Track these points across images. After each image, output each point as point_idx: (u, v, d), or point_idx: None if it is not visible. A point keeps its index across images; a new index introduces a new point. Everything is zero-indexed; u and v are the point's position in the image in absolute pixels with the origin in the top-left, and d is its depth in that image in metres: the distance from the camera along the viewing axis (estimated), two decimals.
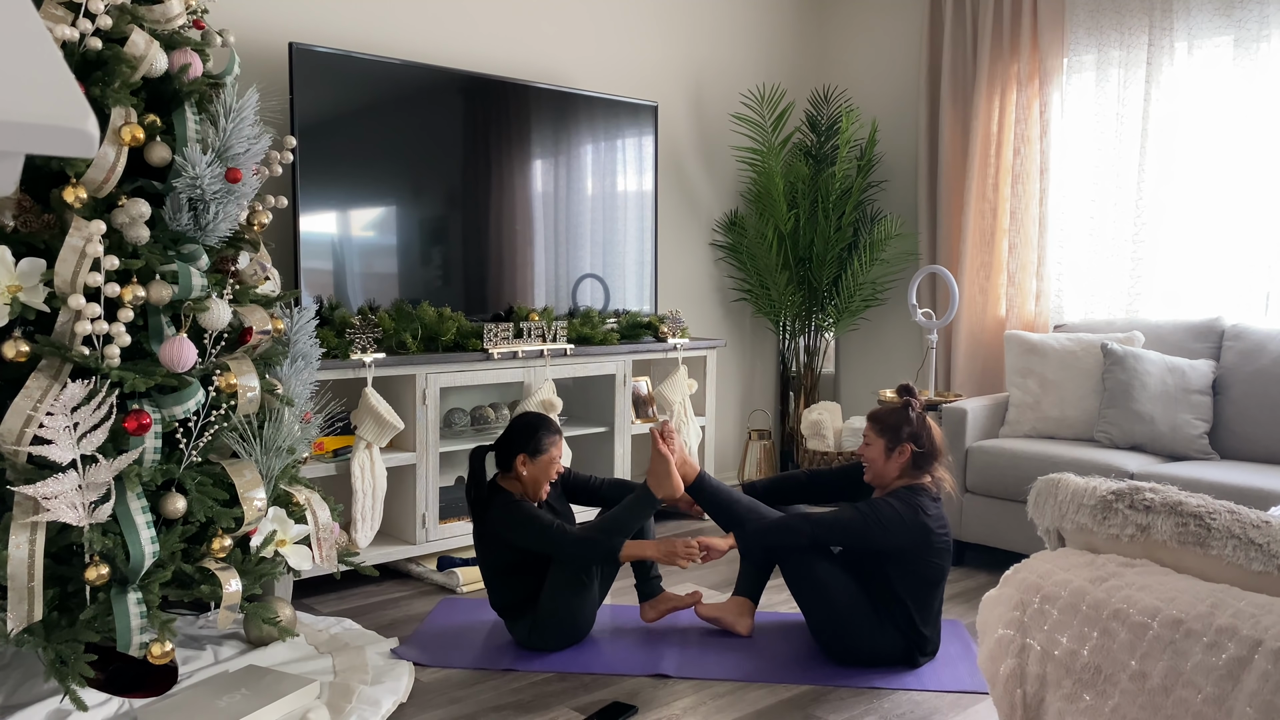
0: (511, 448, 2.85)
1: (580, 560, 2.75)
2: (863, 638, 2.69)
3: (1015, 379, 3.93)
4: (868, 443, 2.80)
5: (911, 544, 2.64)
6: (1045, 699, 1.76)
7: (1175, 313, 4.01)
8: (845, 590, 2.69)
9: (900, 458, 2.74)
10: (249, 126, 2.51)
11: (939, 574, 2.68)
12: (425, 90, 3.68)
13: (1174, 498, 1.77)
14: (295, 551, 2.63)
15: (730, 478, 5.18)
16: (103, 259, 2.24)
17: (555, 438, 2.85)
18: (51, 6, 2.28)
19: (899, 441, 2.73)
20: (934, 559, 2.66)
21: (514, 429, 2.86)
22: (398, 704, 2.46)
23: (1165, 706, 1.57)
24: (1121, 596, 1.69)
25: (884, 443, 2.75)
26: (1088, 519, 1.87)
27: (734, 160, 5.08)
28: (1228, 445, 3.57)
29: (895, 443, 2.73)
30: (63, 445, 2.16)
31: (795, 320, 5.03)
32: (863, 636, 2.69)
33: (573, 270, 4.19)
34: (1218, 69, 3.90)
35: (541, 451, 2.83)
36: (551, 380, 3.78)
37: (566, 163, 4.13)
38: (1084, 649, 1.70)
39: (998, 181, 4.47)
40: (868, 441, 2.80)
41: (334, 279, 3.51)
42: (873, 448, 2.78)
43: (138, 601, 2.23)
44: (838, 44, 5.34)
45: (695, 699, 2.55)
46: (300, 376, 2.74)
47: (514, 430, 2.86)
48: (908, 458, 2.73)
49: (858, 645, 2.70)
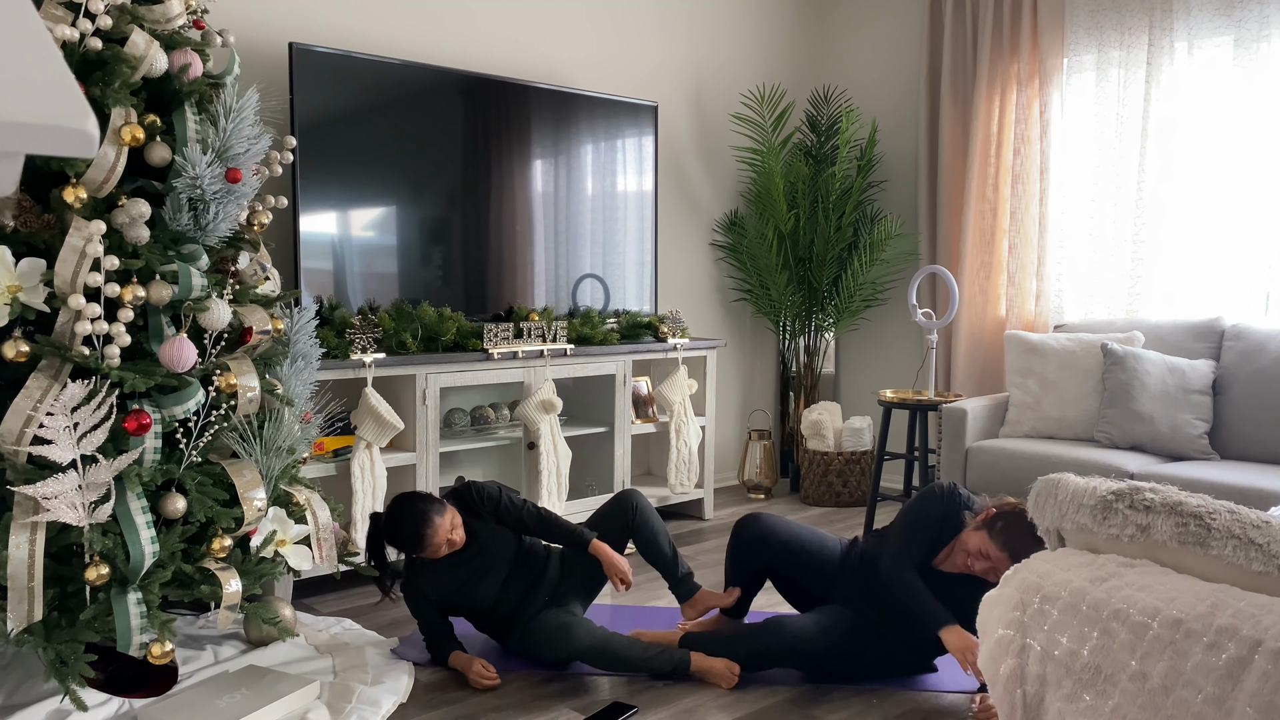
0: (403, 548, 2.65)
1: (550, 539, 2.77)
2: (871, 666, 2.66)
3: (1015, 379, 3.93)
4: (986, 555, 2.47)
5: (948, 511, 2.56)
6: (1045, 699, 1.76)
7: (1175, 313, 4.01)
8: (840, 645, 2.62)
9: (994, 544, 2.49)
10: (249, 126, 2.51)
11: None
12: (425, 90, 3.68)
13: (1174, 498, 1.77)
14: (295, 551, 2.63)
15: (730, 478, 5.18)
16: (103, 259, 2.24)
17: (436, 523, 2.59)
18: (51, 6, 2.28)
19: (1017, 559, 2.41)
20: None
21: (394, 530, 2.63)
22: (398, 704, 2.46)
23: (1165, 707, 1.57)
24: (1121, 597, 1.69)
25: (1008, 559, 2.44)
26: (1088, 519, 1.87)
27: (734, 160, 5.08)
28: (1228, 445, 3.57)
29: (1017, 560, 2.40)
30: (63, 445, 2.16)
31: (795, 320, 5.03)
32: (871, 664, 2.65)
33: (573, 270, 4.19)
34: (1218, 69, 3.90)
35: (428, 545, 2.61)
36: (551, 380, 3.78)
37: (566, 163, 4.13)
38: (1084, 649, 1.70)
39: (998, 181, 4.47)
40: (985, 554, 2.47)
41: (334, 279, 3.51)
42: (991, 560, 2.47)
43: (138, 601, 2.23)
44: (838, 44, 5.34)
45: (695, 699, 2.54)
46: (300, 376, 2.74)
47: (395, 532, 2.63)
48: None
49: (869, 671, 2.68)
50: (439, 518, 2.60)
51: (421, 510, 2.60)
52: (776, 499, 4.84)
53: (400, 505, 2.62)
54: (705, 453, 4.44)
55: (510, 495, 2.82)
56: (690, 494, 4.36)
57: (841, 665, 2.64)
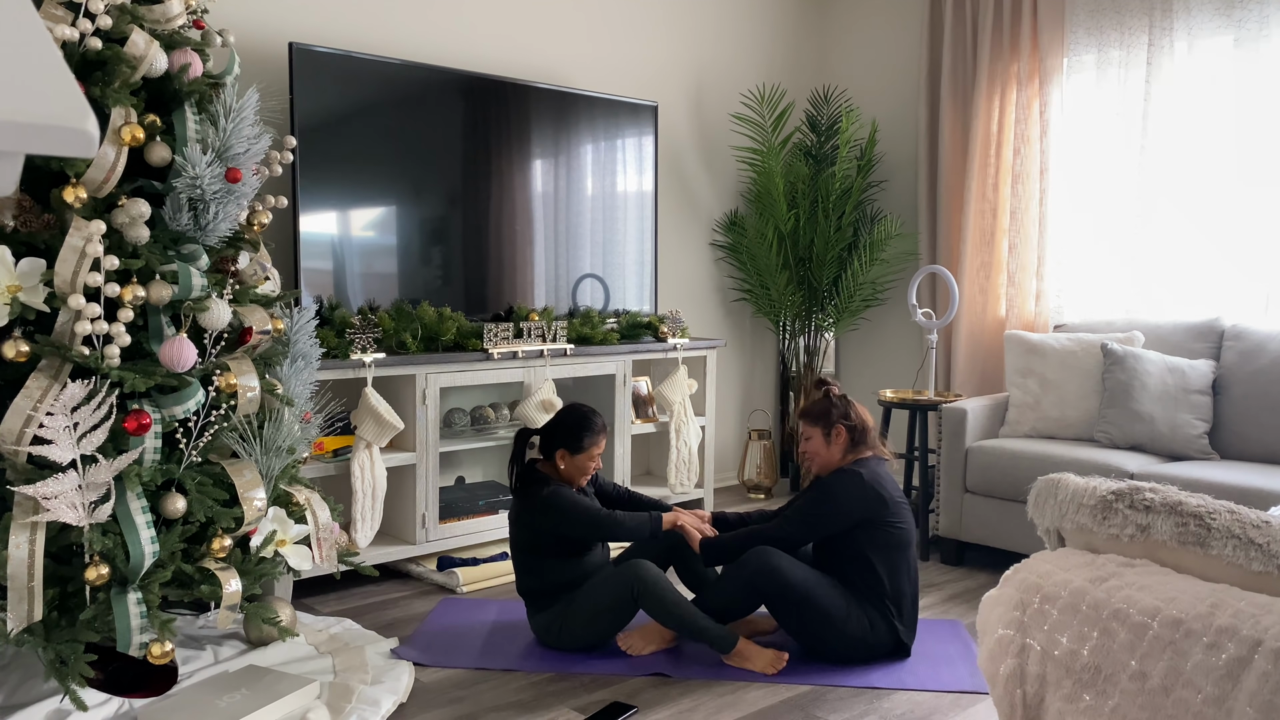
0: (554, 440, 2.88)
1: (620, 541, 2.79)
2: (852, 631, 2.70)
3: (1015, 379, 3.93)
4: (807, 437, 2.91)
5: (872, 510, 2.74)
6: (1045, 699, 1.76)
7: (1175, 313, 4.01)
8: (826, 592, 2.71)
9: (839, 440, 2.88)
10: (249, 126, 2.51)
11: (906, 537, 2.78)
12: (425, 90, 3.68)
13: (1174, 498, 1.77)
14: (295, 551, 2.63)
15: (730, 478, 5.18)
16: (103, 259, 2.24)
17: (598, 436, 2.88)
18: (51, 6, 2.28)
19: (831, 425, 2.87)
20: (897, 521, 2.76)
21: (561, 421, 2.89)
22: (398, 704, 2.46)
23: (1165, 706, 1.57)
24: (1121, 596, 1.69)
25: (819, 430, 2.89)
26: (1088, 519, 1.87)
27: (734, 160, 5.08)
28: (1228, 445, 3.57)
29: (828, 427, 2.88)
30: (63, 445, 2.16)
31: (795, 320, 5.03)
32: (852, 630, 2.70)
33: (573, 270, 4.19)
34: (1218, 68, 3.90)
35: (581, 450, 2.86)
36: (551, 380, 3.78)
37: (566, 163, 4.13)
38: (1084, 649, 1.70)
39: (998, 181, 4.47)
40: (806, 436, 2.92)
41: (334, 279, 3.51)
42: (812, 440, 2.90)
43: (138, 601, 2.23)
44: (838, 44, 5.34)
45: (695, 699, 2.55)
46: (300, 376, 2.74)
47: (560, 423, 2.89)
48: (845, 438, 2.87)
49: (849, 641, 2.71)
50: (603, 436, 2.89)
51: (601, 424, 2.89)
52: (776, 499, 4.84)
53: (585, 411, 2.89)
54: (705, 453, 4.44)
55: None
56: (690, 494, 4.36)
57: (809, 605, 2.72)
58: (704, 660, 2.78)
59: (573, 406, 2.92)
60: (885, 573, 2.74)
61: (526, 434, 2.96)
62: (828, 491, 2.76)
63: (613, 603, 2.74)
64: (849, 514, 2.73)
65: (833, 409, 2.89)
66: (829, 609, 2.68)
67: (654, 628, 2.85)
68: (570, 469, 2.87)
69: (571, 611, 2.78)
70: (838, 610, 2.69)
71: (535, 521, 2.79)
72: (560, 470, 2.88)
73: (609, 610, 2.75)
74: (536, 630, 2.85)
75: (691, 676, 2.68)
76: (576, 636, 2.79)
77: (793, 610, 2.69)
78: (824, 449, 2.89)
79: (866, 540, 2.74)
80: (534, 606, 2.86)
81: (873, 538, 2.74)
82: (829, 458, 2.89)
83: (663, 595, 2.70)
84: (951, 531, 3.78)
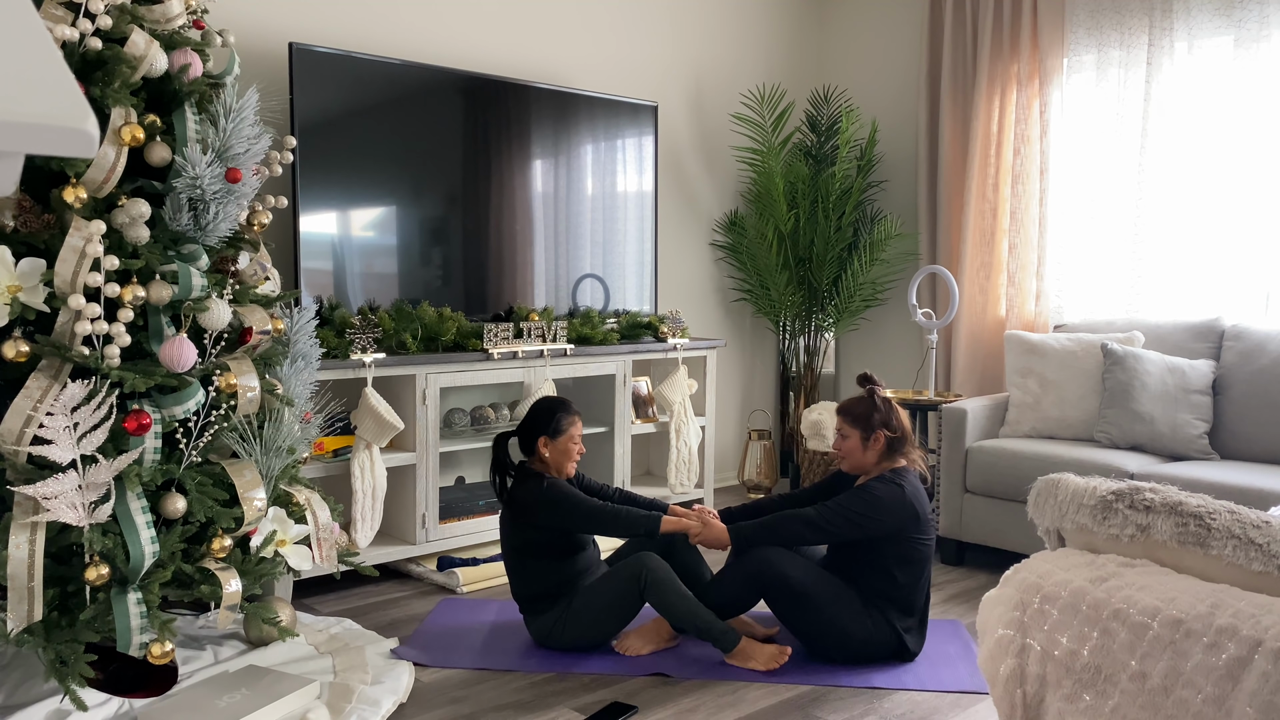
0: (533, 431, 2.89)
1: (618, 535, 2.79)
2: (854, 633, 2.70)
3: (1015, 379, 3.93)
4: (844, 435, 2.85)
5: (902, 524, 2.70)
6: (1045, 699, 1.76)
7: (1175, 313, 4.01)
8: (829, 590, 2.70)
9: (876, 445, 2.82)
10: (249, 126, 2.51)
11: (928, 553, 2.77)
12: (425, 90, 3.68)
13: (1174, 498, 1.77)
14: (295, 551, 2.63)
15: (730, 478, 5.18)
16: (103, 259, 2.24)
17: (574, 418, 2.90)
18: (51, 6, 2.28)
19: (872, 430, 2.80)
20: (923, 538, 2.74)
21: (533, 413, 2.90)
22: (398, 704, 2.46)
23: (1165, 707, 1.57)
24: (1121, 597, 1.69)
25: (859, 433, 2.82)
26: (1088, 519, 1.87)
27: (734, 160, 5.08)
28: (1228, 445, 3.57)
29: (869, 432, 2.81)
30: (63, 445, 2.16)
31: (795, 320, 5.03)
32: (854, 632, 2.70)
33: (573, 270, 4.19)
34: (1218, 69, 3.90)
35: (561, 432, 2.87)
36: (551, 380, 3.78)
37: (566, 163, 4.13)
38: (1084, 649, 1.70)
39: (998, 181, 4.47)
40: (844, 435, 2.85)
41: (334, 279, 3.51)
42: (850, 440, 2.84)
43: (138, 601, 2.23)
44: (838, 44, 5.34)
45: (695, 699, 2.55)
46: (300, 376, 2.74)
47: (533, 414, 2.90)
48: (883, 444, 2.81)
49: (851, 642, 2.71)
50: (578, 417, 2.91)
51: (573, 407, 2.91)
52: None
53: (555, 398, 2.93)
54: (705, 453, 4.44)
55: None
56: (690, 494, 4.36)
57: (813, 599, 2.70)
58: (704, 660, 2.78)
59: (542, 398, 2.95)
60: (903, 584, 2.72)
61: (504, 438, 2.95)
62: (877, 501, 2.69)
63: (618, 597, 2.74)
64: (884, 526, 2.69)
65: (875, 413, 2.81)
66: (830, 607, 2.68)
67: (651, 629, 2.85)
68: (555, 455, 2.87)
69: (574, 610, 2.78)
70: (840, 609, 2.68)
71: (534, 517, 2.79)
72: (547, 460, 2.88)
73: (614, 605, 2.75)
74: (536, 635, 2.85)
75: (692, 676, 2.68)
76: (579, 635, 2.79)
77: (793, 606, 2.69)
78: (859, 451, 2.82)
79: (891, 552, 2.71)
80: (532, 611, 2.85)
81: (898, 550, 2.71)
82: (862, 461, 2.84)
83: (669, 588, 2.71)
84: (951, 531, 3.78)
